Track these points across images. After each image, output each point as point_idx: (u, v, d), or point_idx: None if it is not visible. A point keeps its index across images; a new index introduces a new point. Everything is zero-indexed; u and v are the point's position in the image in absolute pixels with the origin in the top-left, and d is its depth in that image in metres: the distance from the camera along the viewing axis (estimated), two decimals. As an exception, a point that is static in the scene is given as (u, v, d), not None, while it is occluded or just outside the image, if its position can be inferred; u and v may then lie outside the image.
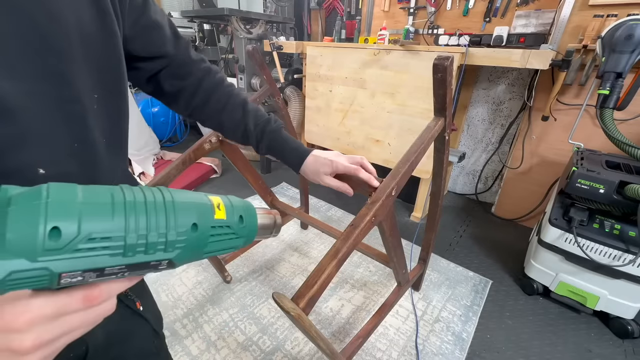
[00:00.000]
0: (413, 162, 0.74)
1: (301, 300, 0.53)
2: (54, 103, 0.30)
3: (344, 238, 0.61)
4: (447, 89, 0.76)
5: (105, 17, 0.34)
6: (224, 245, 0.29)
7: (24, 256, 0.19)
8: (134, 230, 0.22)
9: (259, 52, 1.26)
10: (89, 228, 0.20)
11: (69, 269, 0.20)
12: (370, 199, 0.67)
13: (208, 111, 0.58)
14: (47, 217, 0.19)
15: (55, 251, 0.19)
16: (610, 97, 1.26)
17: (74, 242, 0.20)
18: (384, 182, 0.69)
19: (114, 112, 0.39)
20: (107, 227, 0.21)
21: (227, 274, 1.41)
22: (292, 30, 2.75)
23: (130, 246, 0.22)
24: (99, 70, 0.35)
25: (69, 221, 0.20)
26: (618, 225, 1.13)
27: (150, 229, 0.23)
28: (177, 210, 0.25)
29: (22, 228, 0.19)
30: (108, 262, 0.22)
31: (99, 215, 0.21)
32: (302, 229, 1.83)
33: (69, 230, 0.20)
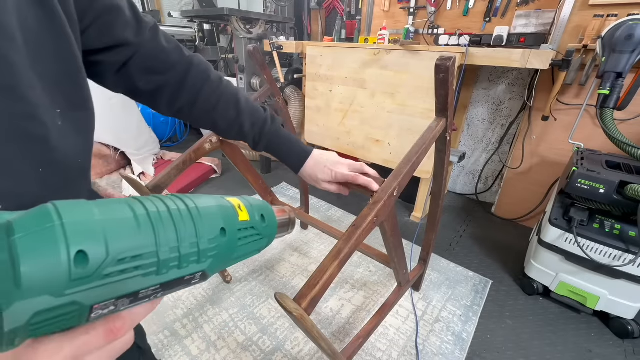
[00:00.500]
0: (415, 163, 0.74)
1: (303, 301, 0.53)
2: (7, 122, 0.26)
3: (346, 238, 0.61)
4: (449, 90, 0.76)
5: (53, 19, 0.29)
6: (251, 248, 0.28)
7: (47, 292, 0.16)
8: (165, 243, 0.20)
9: (260, 52, 1.25)
10: (118, 247, 0.18)
11: (100, 299, 0.18)
12: (372, 200, 0.67)
13: (197, 112, 0.53)
14: (68, 240, 0.16)
15: (84, 280, 0.17)
16: (611, 97, 1.26)
17: (103, 266, 0.17)
18: (386, 183, 0.69)
19: (83, 126, 0.34)
20: (136, 243, 0.19)
21: (227, 274, 1.41)
22: (292, 30, 2.75)
23: (164, 262, 0.20)
24: (57, 82, 0.30)
25: (95, 242, 0.17)
26: (618, 225, 1.12)
27: (182, 240, 0.21)
28: (203, 216, 0.23)
29: (40, 258, 0.16)
30: (142, 284, 0.20)
31: (126, 232, 0.19)
32: (303, 229, 1.83)
33: (96, 253, 0.17)
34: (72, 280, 0.16)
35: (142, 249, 0.19)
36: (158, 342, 1.15)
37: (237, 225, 0.26)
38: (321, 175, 0.62)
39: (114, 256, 0.18)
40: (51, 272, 0.16)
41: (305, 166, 0.62)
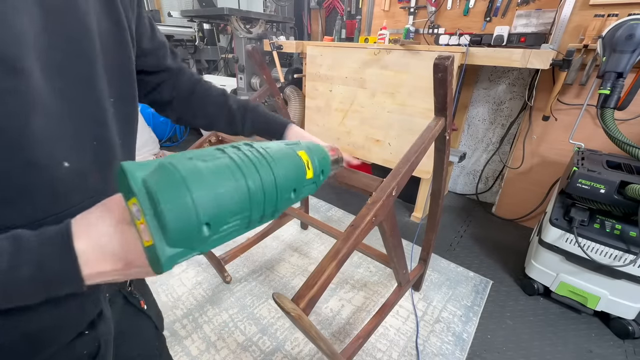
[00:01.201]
0: (414, 162, 0.73)
1: (301, 301, 0.53)
2: (82, 103, 0.33)
3: (345, 238, 0.61)
4: (447, 89, 0.75)
5: (119, 29, 0.38)
6: (304, 195, 0.32)
7: (183, 247, 0.23)
8: (255, 207, 0.25)
9: (259, 51, 1.25)
10: (229, 216, 0.24)
11: (212, 247, 0.24)
12: (370, 199, 0.67)
13: (193, 106, 0.60)
14: (199, 215, 0.22)
15: (207, 239, 0.23)
16: (611, 97, 1.25)
17: (219, 231, 0.24)
18: (385, 182, 0.69)
19: (127, 116, 0.42)
20: (239, 209, 0.24)
21: (227, 274, 1.40)
22: (292, 30, 2.75)
23: (253, 221, 0.26)
24: (114, 77, 0.38)
25: (217, 215, 0.23)
26: (619, 226, 1.12)
27: (268, 203, 0.26)
28: (284, 182, 0.28)
29: (180, 225, 0.22)
30: (235, 236, 0.26)
31: (234, 201, 0.24)
32: (302, 229, 1.83)
33: (217, 224, 0.23)
34: (199, 242, 0.23)
35: (242, 213, 0.25)
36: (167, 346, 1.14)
37: (304, 183, 0.31)
38: (305, 134, 0.66)
39: (226, 220, 0.24)
40: (189, 237, 0.22)
41: (288, 132, 0.65)
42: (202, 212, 0.22)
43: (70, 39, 0.31)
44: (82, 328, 0.38)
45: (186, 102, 0.59)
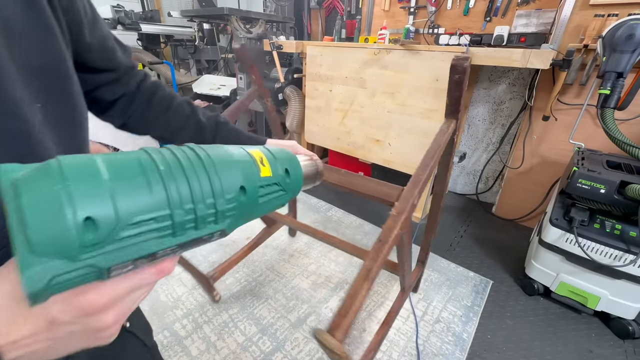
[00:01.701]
0: (432, 168, 0.72)
1: (338, 331, 0.50)
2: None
3: (374, 256, 0.57)
4: (462, 91, 0.74)
5: (39, 13, 0.29)
6: (272, 205, 0.26)
7: (61, 257, 0.16)
8: (178, 205, 0.19)
9: (248, 50, 1.18)
10: (128, 211, 0.18)
11: (117, 261, 0.18)
12: (395, 210, 0.63)
13: (150, 113, 0.52)
14: (75, 206, 0.16)
15: (96, 245, 0.17)
16: (611, 97, 1.25)
17: (115, 231, 0.17)
18: (407, 192, 0.65)
19: (66, 120, 0.34)
20: (149, 206, 0.18)
21: (215, 293, 1.28)
22: (292, 30, 2.74)
23: (180, 224, 0.20)
24: (38, 76, 0.30)
25: (103, 207, 0.17)
26: (619, 226, 1.12)
27: (197, 201, 0.20)
28: (220, 173, 0.22)
29: (48, 224, 0.16)
30: (159, 246, 0.19)
31: (136, 193, 0.18)
32: (290, 236, 1.76)
33: (105, 218, 0.17)
34: (83, 246, 0.16)
35: (155, 212, 0.18)
36: (158, 342, 1.14)
37: (258, 182, 0.25)
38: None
39: (125, 220, 0.17)
40: (61, 239, 0.16)
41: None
42: (80, 203, 0.16)
43: None
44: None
45: (139, 107, 0.50)
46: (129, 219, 0.18)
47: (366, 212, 2.00)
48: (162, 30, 2.96)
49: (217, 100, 2.88)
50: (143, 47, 3.01)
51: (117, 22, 2.61)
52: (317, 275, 1.48)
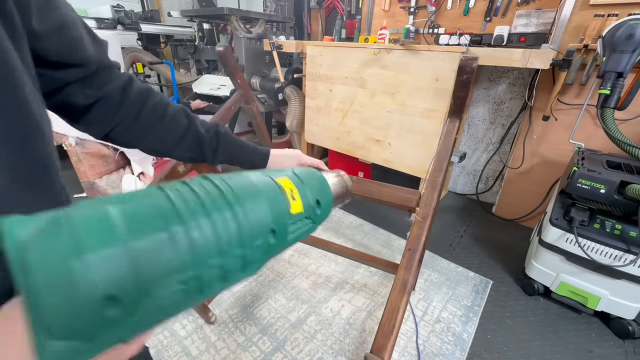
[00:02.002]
0: (445, 169, 0.72)
1: (384, 352, 0.48)
2: None
3: (408, 266, 0.56)
4: (468, 91, 0.75)
5: None
6: (299, 237, 0.24)
7: (83, 338, 0.15)
8: (203, 263, 0.17)
9: (232, 53, 1.12)
10: (151, 278, 0.16)
11: (139, 329, 0.17)
12: (419, 215, 0.62)
13: (141, 123, 0.45)
14: (94, 284, 0.14)
15: (118, 321, 0.15)
16: (611, 97, 1.25)
17: (138, 303, 0.16)
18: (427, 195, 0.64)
19: (16, 130, 0.28)
20: (173, 268, 0.16)
21: (211, 314, 1.22)
22: (292, 30, 2.74)
23: (208, 283, 0.18)
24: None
25: (123, 279, 0.15)
26: (619, 226, 1.12)
27: (225, 254, 0.18)
28: (249, 216, 0.19)
29: (64, 307, 0.14)
30: (184, 306, 0.18)
31: (159, 255, 0.16)
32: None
33: (127, 293, 0.15)
34: (104, 325, 0.15)
35: (181, 273, 0.17)
36: (158, 342, 1.14)
37: (289, 219, 0.22)
38: (288, 162, 0.56)
39: (148, 290, 0.16)
40: (80, 321, 0.14)
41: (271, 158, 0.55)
42: (101, 279, 0.14)
43: None
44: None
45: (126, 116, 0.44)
46: (152, 287, 0.16)
47: (366, 212, 2.00)
48: (162, 30, 2.95)
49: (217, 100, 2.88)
50: (143, 47, 3.01)
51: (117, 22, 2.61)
52: (317, 275, 1.48)
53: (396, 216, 1.98)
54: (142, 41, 2.98)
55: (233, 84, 1.23)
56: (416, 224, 0.61)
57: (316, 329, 1.21)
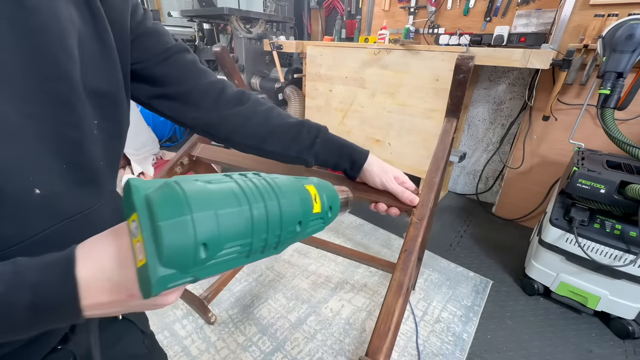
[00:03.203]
0: (443, 169, 0.72)
1: (379, 355, 0.47)
2: (56, 127, 0.31)
3: (403, 268, 0.55)
4: (465, 90, 0.75)
5: (109, 51, 0.36)
6: (312, 232, 0.31)
7: (177, 269, 0.21)
8: (257, 235, 0.24)
9: (229, 53, 1.13)
10: (227, 238, 0.22)
11: (208, 274, 0.23)
12: (415, 217, 0.62)
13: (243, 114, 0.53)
14: (197, 236, 0.21)
15: (202, 264, 0.22)
16: (611, 97, 1.25)
17: (216, 254, 0.22)
18: (423, 196, 0.63)
19: (113, 136, 0.39)
20: (240, 235, 0.23)
21: (211, 315, 1.22)
22: (292, 30, 2.74)
23: (254, 251, 0.25)
24: (99, 98, 0.35)
25: (213, 235, 0.22)
26: (619, 226, 1.12)
27: (270, 231, 0.25)
28: (288, 212, 0.27)
29: (177, 245, 0.20)
30: (233, 264, 0.24)
31: (234, 225, 0.23)
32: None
33: (213, 245, 0.22)
34: (195, 264, 0.21)
35: (242, 240, 0.23)
36: (158, 342, 1.14)
37: (311, 217, 0.29)
38: (391, 173, 0.62)
39: (224, 246, 0.22)
40: (183, 258, 0.21)
41: (367, 168, 0.60)
42: (200, 232, 0.21)
43: (48, 61, 0.29)
44: (55, 343, 0.36)
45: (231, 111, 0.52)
46: (226, 244, 0.22)
47: (366, 212, 2.00)
48: (162, 30, 2.94)
49: (217, 100, 2.87)
50: (143, 47, 3.00)
51: (117, 22, 2.60)
52: (317, 275, 1.48)
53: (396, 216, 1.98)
54: (142, 41, 2.97)
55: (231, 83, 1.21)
56: (412, 225, 0.61)
57: (316, 329, 1.21)
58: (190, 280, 0.22)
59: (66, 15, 0.30)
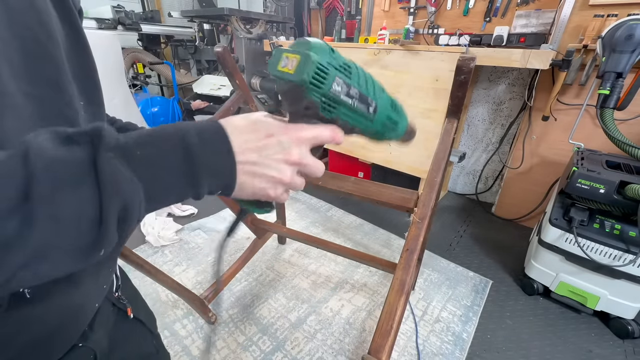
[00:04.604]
0: (444, 169, 0.73)
1: (382, 354, 0.47)
2: (52, 105, 0.31)
3: (405, 267, 0.56)
4: (466, 91, 0.75)
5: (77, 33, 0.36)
6: (387, 129, 0.38)
7: (324, 60, 0.30)
8: (372, 97, 0.34)
9: (230, 53, 1.12)
10: (341, 61, 0.31)
11: (337, 75, 0.30)
12: (417, 216, 0.62)
13: None
14: (321, 60, 0.29)
15: (333, 62, 0.30)
16: (611, 97, 1.26)
17: (340, 66, 0.31)
18: (425, 196, 0.64)
19: (97, 118, 0.40)
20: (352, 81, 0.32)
21: (211, 314, 1.21)
22: (292, 30, 2.75)
23: (365, 111, 0.34)
24: (81, 79, 0.36)
25: (339, 57, 0.31)
26: (618, 226, 1.12)
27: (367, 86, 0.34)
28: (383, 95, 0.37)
29: (321, 52, 0.30)
30: (350, 83, 0.32)
31: (354, 74, 0.33)
32: (280, 244, 1.70)
33: (338, 59, 0.31)
34: (329, 60, 0.30)
35: (357, 83, 0.33)
36: (158, 342, 1.14)
37: (388, 114, 0.38)
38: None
39: (341, 63, 0.31)
40: (324, 56, 0.30)
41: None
42: (331, 63, 0.30)
43: (37, 42, 0.30)
44: (75, 340, 0.37)
45: None
46: (344, 64, 0.32)
47: (366, 212, 2.00)
48: (162, 30, 2.96)
49: (218, 100, 2.88)
50: (143, 47, 3.01)
51: (117, 22, 2.62)
52: (317, 275, 1.48)
53: (396, 216, 1.98)
54: (142, 41, 2.98)
55: (232, 84, 1.22)
56: (414, 224, 0.61)
57: (316, 329, 1.21)
58: (330, 74, 0.30)
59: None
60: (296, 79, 0.29)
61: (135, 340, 0.50)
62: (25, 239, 0.19)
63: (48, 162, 0.20)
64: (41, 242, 0.19)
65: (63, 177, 0.20)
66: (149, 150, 0.24)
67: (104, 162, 0.21)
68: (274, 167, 0.30)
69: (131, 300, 0.50)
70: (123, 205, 0.22)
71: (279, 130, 0.30)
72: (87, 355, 0.38)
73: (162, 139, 0.25)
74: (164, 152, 0.25)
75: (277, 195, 0.31)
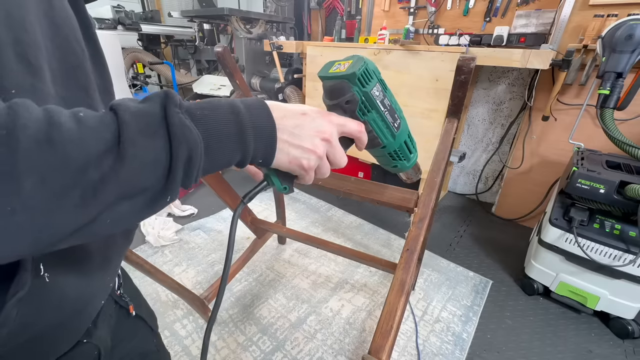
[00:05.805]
0: (444, 169, 0.73)
1: (382, 354, 0.47)
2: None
3: (406, 267, 0.56)
4: (466, 91, 0.75)
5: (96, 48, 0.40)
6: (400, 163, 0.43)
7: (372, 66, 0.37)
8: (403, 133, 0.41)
9: (230, 54, 1.12)
10: (381, 76, 0.38)
11: (379, 83, 0.38)
12: (417, 217, 0.62)
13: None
14: (369, 66, 0.36)
15: (377, 73, 0.38)
16: (611, 97, 1.26)
17: (381, 79, 0.38)
18: (425, 196, 0.65)
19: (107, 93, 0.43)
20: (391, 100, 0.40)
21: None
22: (292, 30, 2.75)
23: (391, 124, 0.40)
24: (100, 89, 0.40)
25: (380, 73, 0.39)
26: (618, 226, 1.12)
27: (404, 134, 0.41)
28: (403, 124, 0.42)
29: (370, 62, 0.37)
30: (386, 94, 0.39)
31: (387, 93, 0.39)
32: (280, 244, 1.70)
33: (380, 74, 0.39)
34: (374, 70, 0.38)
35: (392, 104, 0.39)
36: (158, 342, 1.14)
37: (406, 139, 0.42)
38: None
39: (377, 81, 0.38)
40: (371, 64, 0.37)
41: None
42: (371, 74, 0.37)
43: (74, 54, 0.33)
44: (82, 334, 0.38)
45: None
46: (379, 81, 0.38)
47: (366, 212, 2.00)
48: (162, 30, 2.96)
49: (217, 100, 2.87)
50: (143, 47, 3.01)
51: (117, 22, 2.61)
52: (317, 275, 1.48)
53: (396, 216, 1.98)
54: (142, 41, 2.98)
55: (232, 84, 1.22)
56: (414, 224, 0.62)
57: (316, 329, 1.21)
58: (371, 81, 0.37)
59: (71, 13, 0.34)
60: (348, 72, 0.35)
61: (137, 338, 0.51)
62: (117, 175, 0.22)
63: (132, 113, 0.24)
64: (127, 180, 0.23)
65: (143, 126, 0.24)
66: (206, 112, 0.28)
67: (173, 114, 0.25)
68: (309, 139, 0.34)
69: (133, 298, 0.51)
70: (188, 154, 0.25)
71: (313, 111, 0.35)
72: (91, 352, 0.39)
73: (215, 106, 0.29)
74: (218, 115, 0.29)
75: (309, 166, 0.34)
